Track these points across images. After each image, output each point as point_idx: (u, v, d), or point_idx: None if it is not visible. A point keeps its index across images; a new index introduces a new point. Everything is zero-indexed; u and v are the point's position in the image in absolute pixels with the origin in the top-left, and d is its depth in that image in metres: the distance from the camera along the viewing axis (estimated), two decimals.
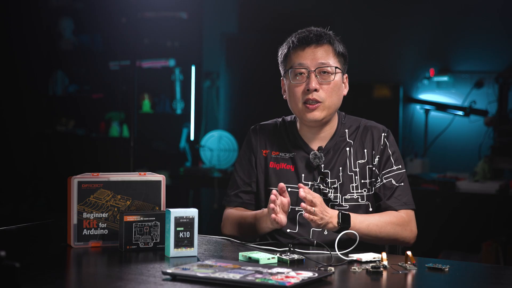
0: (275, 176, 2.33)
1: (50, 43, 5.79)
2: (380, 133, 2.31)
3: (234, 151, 5.26)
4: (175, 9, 5.49)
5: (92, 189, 2.08)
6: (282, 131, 2.38)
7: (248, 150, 2.40)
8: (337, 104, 2.28)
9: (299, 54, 2.25)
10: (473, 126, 4.90)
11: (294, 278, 1.65)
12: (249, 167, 2.38)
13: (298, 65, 2.25)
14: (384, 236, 2.18)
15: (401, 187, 2.27)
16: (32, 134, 5.81)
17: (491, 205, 4.38)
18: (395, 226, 2.20)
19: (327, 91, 2.23)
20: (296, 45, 2.26)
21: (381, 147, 2.29)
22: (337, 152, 2.30)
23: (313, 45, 2.25)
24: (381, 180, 2.27)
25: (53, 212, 5.36)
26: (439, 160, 4.99)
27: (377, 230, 2.16)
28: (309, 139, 2.32)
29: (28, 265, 1.79)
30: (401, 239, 2.22)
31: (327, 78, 2.24)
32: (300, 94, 2.24)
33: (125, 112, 5.56)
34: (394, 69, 5.21)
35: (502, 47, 4.91)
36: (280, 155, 2.35)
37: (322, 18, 5.17)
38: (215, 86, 5.58)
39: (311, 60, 2.23)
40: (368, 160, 2.29)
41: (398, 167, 2.29)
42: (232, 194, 2.39)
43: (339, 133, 2.32)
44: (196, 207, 2.03)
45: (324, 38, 2.25)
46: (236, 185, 2.39)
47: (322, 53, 2.24)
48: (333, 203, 2.26)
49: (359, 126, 2.34)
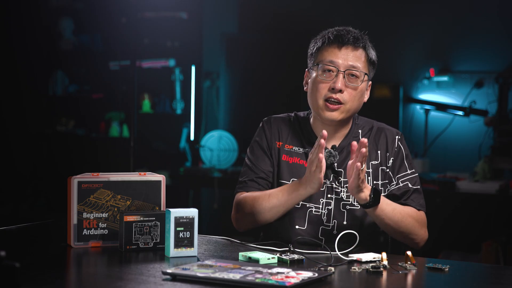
0: (287, 170, 2.30)
1: (50, 43, 5.79)
2: (394, 136, 2.32)
3: (234, 151, 5.26)
4: (175, 9, 5.49)
5: (92, 189, 2.08)
6: (296, 126, 2.37)
7: (261, 141, 2.35)
8: (357, 109, 2.28)
9: (333, 51, 2.24)
10: (473, 126, 4.90)
11: (294, 278, 1.65)
12: (265, 156, 2.33)
13: (329, 61, 2.23)
14: (403, 227, 2.18)
15: (417, 190, 2.28)
16: (32, 134, 5.81)
17: (491, 205, 4.38)
18: (414, 221, 2.21)
19: (351, 94, 2.22)
20: (331, 41, 2.25)
21: (395, 149, 2.30)
22: (350, 152, 2.29)
23: (350, 46, 2.24)
24: (397, 183, 2.28)
25: (53, 212, 5.36)
26: (439, 160, 4.99)
27: (400, 218, 2.16)
28: None
29: (28, 265, 1.79)
30: (415, 236, 2.22)
31: (354, 81, 2.23)
32: (324, 91, 2.23)
33: (125, 112, 5.57)
34: (394, 69, 5.21)
35: (502, 47, 4.91)
36: (294, 149, 2.33)
37: (322, 18, 5.17)
38: (215, 86, 5.58)
39: (343, 60, 2.22)
40: (381, 161, 2.29)
41: (412, 170, 2.31)
42: (247, 180, 2.32)
43: (352, 133, 2.32)
44: (196, 207, 2.03)
45: (360, 42, 2.25)
46: (252, 171, 2.33)
47: (355, 57, 2.23)
48: (345, 202, 2.26)
49: (372, 127, 2.34)
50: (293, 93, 4.77)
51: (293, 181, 2.22)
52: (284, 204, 2.19)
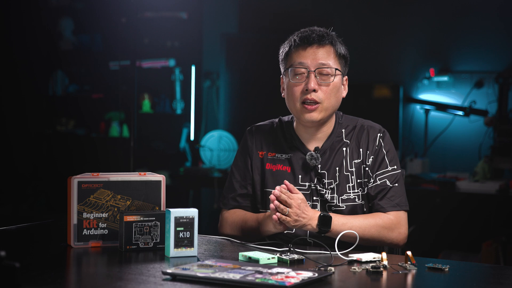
0: (271, 178, 2.32)
1: (50, 43, 5.79)
2: (376, 133, 2.30)
3: (234, 151, 5.26)
4: (175, 9, 5.49)
5: (92, 189, 2.08)
6: (278, 132, 2.37)
7: (244, 152, 2.39)
8: (335, 106, 2.27)
9: (300, 53, 2.24)
10: (473, 126, 4.90)
11: (294, 278, 1.65)
12: (244, 170, 2.37)
13: (298, 64, 2.24)
14: (368, 238, 2.17)
15: (395, 188, 2.25)
16: (32, 134, 5.81)
17: (491, 205, 4.37)
18: (380, 228, 2.18)
19: (326, 92, 2.22)
20: (297, 44, 2.25)
21: (375, 148, 2.28)
22: (333, 153, 2.29)
23: (315, 45, 2.24)
24: (374, 180, 2.26)
25: (53, 212, 5.36)
26: (439, 160, 4.99)
27: (360, 233, 2.13)
28: (306, 139, 2.32)
29: (28, 265, 1.79)
30: (387, 241, 2.20)
31: (326, 79, 2.23)
32: (299, 94, 2.23)
33: (125, 112, 5.56)
34: (394, 69, 5.20)
35: (502, 47, 4.91)
36: (276, 156, 2.34)
37: (322, 18, 5.17)
38: (215, 86, 5.58)
39: (312, 60, 2.23)
40: (363, 159, 2.28)
41: (393, 167, 2.27)
42: (229, 197, 2.38)
43: (335, 133, 2.31)
44: (196, 207, 2.03)
45: (326, 39, 2.24)
46: (232, 187, 2.38)
47: (323, 54, 2.23)
48: (330, 203, 2.26)
49: (355, 125, 2.32)
50: None
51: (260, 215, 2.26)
52: (262, 233, 2.25)
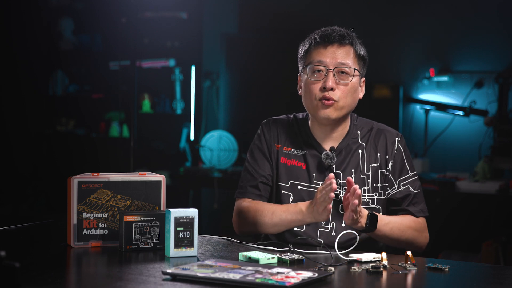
0: (285, 172, 2.30)
1: (50, 43, 5.79)
2: (393, 137, 2.31)
3: (234, 151, 5.26)
4: (175, 9, 5.49)
5: (92, 189, 2.08)
6: (294, 127, 2.37)
7: (262, 143, 2.35)
8: (351, 106, 2.27)
9: (320, 51, 2.25)
10: (473, 126, 4.90)
11: (294, 278, 1.65)
12: (265, 160, 2.33)
13: (317, 62, 2.24)
14: (404, 240, 2.21)
15: (418, 194, 2.29)
16: (32, 134, 5.81)
17: (491, 205, 4.37)
18: (414, 231, 2.23)
19: (343, 91, 2.23)
20: (318, 42, 2.26)
21: (394, 152, 2.29)
22: (349, 154, 2.29)
23: (335, 44, 2.25)
24: (398, 186, 2.28)
25: (53, 212, 5.36)
26: (439, 160, 4.98)
27: (399, 234, 2.19)
28: (321, 138, 2.31)
29: (28, 265, 1.79)
30: (417, 244, 2.25)
31: (344, 78, 2.23)
32: (316, 91, 2.23)
33: (125, 112, 5.56)
34: (394, 69, 5.20)
35: (502, 47, 4.91)
36: (292, 151, 2.32)
37: (322, 18, 5.17)
38: (215, 86, 5.58)
39: (331, 58, 2.23)
40: (381, 164, 2.29)
41: (414, 173, 2.31)
42: (248, 186, 2.32)
43: (351, 134, 2.31)
44: (196, 207, 2.03)
45: (346, 39, 2.25)
46: (252, 176, 2.32)
47: (343, 53, 2.24)
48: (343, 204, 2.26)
49: (371, 128, 2.33)
50: (293, 93, 4.74)
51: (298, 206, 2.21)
52: (287, 225, 2.23)
